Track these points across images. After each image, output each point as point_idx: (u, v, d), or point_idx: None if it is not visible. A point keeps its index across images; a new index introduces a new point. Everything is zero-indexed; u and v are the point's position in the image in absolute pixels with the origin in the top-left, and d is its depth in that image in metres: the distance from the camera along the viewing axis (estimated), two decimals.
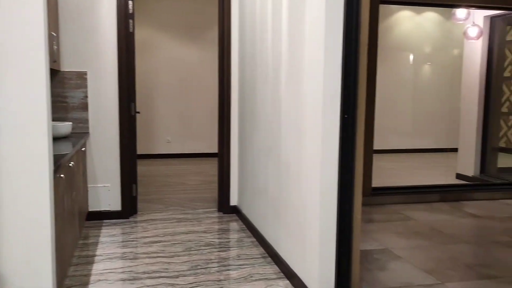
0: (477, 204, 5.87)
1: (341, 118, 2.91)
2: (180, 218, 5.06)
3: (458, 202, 5.91)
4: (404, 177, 7.30)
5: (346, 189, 3.03)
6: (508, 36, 7.47)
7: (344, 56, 2.85)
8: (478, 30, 6.35)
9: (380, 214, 5.35)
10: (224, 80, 5.12)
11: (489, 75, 6.79)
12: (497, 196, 6.14)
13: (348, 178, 3.03)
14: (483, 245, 4.29)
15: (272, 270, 3.62)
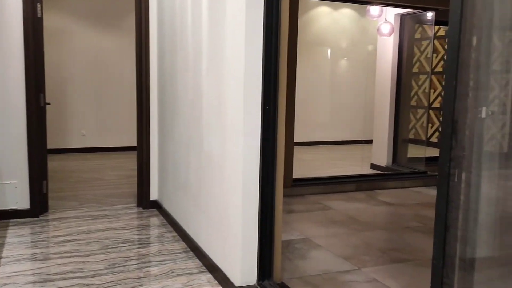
0: (390, 192, 6.20)
1: (262, 109, 2.90)
2: (96, 215, 4.81)
3: (373, 191, 6.21)
4: (323, 169, 7.53)
5: (267, 181, 3.04)
6: (416, 34, 7.96)
7: (265, 46, 2.84)
8: (390, 27, 6.68)
9: (300, 204, 5.47)
10: (143, 68, 4.93)
11: (400, 71, 7.19)
12: (407, 184, 6.53)
13: (269, 169, 3.03)
14: (395, 230, 4.54)
15: (194, 264, 3.55)
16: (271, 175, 3.04)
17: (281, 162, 3.08)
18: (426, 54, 10.00)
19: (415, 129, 8.45)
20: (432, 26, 7.14)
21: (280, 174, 3.08)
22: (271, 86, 2.91)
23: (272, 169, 3.05)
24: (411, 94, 7.53)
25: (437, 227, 1.49)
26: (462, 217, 1.40)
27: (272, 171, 3.05)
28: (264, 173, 2.98)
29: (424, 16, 7.06)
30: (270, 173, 3.02)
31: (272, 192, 3.07)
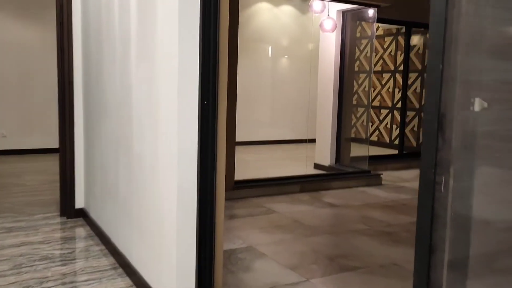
0: (334, 193, 6.02)
1: (200, 105, 2.53)
2: (11, 227, 4.21)
3: (317, 192, 6.00)
4: (266, 169, 7.25)
5: (207, 186, 2.67)
6: (357, 32, 7.90)
7: (202, 36, 2.48)
8: (332, 22, 6.52)
9: (243, 208, 5.13)
10: (65, 62, 4.38)
11: (343, 68, 7.05)
12: (351, 184, 6.39)
13: (209, 173, 2.67)
14: (342, 234, 4.32)
15: (124, 283, 3.11)
16: (210, 179, 2.67)
17: (222, 164, 2.73)
18: (366, 53, 10.05)
19: (355, 127, 8.40)
20: (373, 24, 7.07)
21: (221, 178, 2.73)
22: (210, 80, 2.55)
23: (212, 173, 2.69)
24: (353, 93, 7.44)
25: (419, 249, 1.20)
26: (452, 236, 1.13)
27: (212, 175, 2.68)
28: (202, 177, 2.61)
29: (366, 13, 6.96)
30: (209, 177, 2.66)
31: (212, 199, 2.70)
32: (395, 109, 9.85)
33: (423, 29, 8.93)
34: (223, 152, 2.73)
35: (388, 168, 7.85)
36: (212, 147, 2.64)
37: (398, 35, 9.77)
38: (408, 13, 7.70)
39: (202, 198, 2.64)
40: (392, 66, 9.97)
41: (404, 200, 5.67)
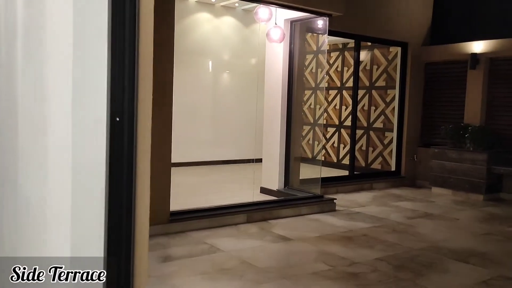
0: (285, 222, 5.31)
1: (109, 122, 1.72)
2: None
3: (266, 222, 5.26)
4: (208, 195, 6.43)
5: (119, 236, 1.86)
6: (306, 45, 7.36)
7: (112, 40, 1.69)
8: (280, 32, 5.90)
9: (180, 246, 4.28)
10: None
11: (291, 83, 6.44)
12: (303, 211, 5.71)
13: (125, 215, 1.86)
14: (301, 278, 3.59)
15: None
16: (126, 225, 1.86)
17: (144, 199, 1.93)
18: (312, 68, 9.58)
19: (301, 147, 7.82)
20: (324, 36, 6.53)
21: (144, 219, 1.92)
22: (125, 91, 1.76)
23: (129, 215, 1.88)
24: (302, 109, 6.85)
25: None
26: None
27: (128, 218, 1.88)
28: (112, 224, 1.79)
29: (315, 24, 6.42)
30: (124, 222, 1.85)
31: (127, 256, 1.89)
32: (343, 127, 9.42)
33: (370, 44, 8.59)
34: (146, 181, 1.95)
35: (339, 190, 7.28)
36: (129, 176, 1.85)
37: (344, 50, 9.40)
38: (358, 26, 7.27)
39: (113, 256, 1.81)
40: (338, 83, 9.56)
41: (363, 230, 5.05)
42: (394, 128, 8.32)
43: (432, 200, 6.85)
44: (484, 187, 6.92)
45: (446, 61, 7.97)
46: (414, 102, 8.18)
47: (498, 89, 7.32)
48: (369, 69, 8.90)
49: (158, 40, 4.39)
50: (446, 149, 7.42)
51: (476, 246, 4.57)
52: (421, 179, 8.18)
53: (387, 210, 6.09)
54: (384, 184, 7.86)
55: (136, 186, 1.90)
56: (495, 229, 5.27)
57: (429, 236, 4.88)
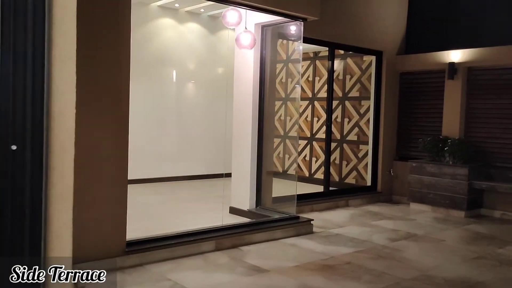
0: (259, 249, 4.74)
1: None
2: None
3: (237, 249, 4.68)
4: (170, 218, 5.79)
5: None
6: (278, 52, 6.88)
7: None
8: (251, 37, 5.38)
9: (138, 285, 3.65)
10: None
11: (262, 92, 5.92)
12: (278, 235, 5.17)
13: None
14: None
15: None
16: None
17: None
18: (281, 78, 9.12)
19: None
20: (298, 42, 6.05)
21: None
22: (25, 112, 1.17)
23: None
24: (274, 119, 6.34)
25: None
26: None
27: None
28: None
29: (288, 30, 5.94)
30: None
31: None
32: (315, 140, 8.97)
33: (343, 52, 8.20)
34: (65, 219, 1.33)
35: (315, 208, 6.79)
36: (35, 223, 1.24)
37: (316, 59, 8.99)
38: (332, 33, 6.85)
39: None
40: (310, 93, 9.13)
41: (346, 256, 4.54)
42: (369, 140, 7.92)
43: (413, 218, 6.44)
44: (465, 203, 6.57)
45: (422, 71, 7.65)
46: (389, 113, 7.82)
47: (477, 100, 7.04)
48: (342, 79, 8.51)
49: (111, 44, 3.75)
50: (424, 163, 7.05)
51: (471, 274, 4.13)
52: (398, 194, 7.79)
53: (368, 231, 5.62)
54: (360, 201, 7.42)
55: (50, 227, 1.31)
56: (485, 251, 4.87)
57: (418, 263, 4.42)
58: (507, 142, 6.67)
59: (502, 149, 6.72)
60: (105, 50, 3.95)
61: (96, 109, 3.90)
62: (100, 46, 3.91)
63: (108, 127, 3.98)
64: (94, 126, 3.88)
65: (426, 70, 7.58)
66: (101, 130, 3.93)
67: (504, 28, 7.01)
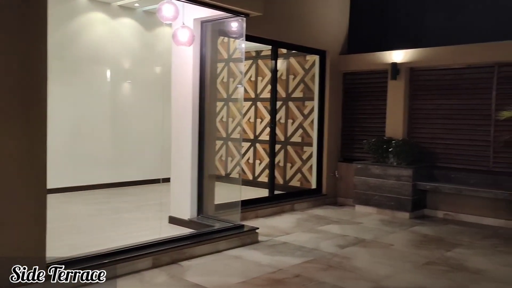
0: (201, 264, 4.33)
1: None
2: None
3: (177, 265, 4.25)
4: (101, 231, 5.24)
5: None
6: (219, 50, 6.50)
7: None
8: (189, 33, 4.96)
9: None
10: None
11: (203, 92, 5.51)
12: (221, 247, 4.78)
13: None
14: None
15: None
16: None
17: None
18: (222, 78, 8.74)
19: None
20: (240, 40, 5.69)
21: None
22: None
23: None
24: (216, 121, 5.95)
25: None
26: None
27: None
28: None
29: (230, 27, 5.57)
30: None
31: None
32: (258, 142, 8.67)
33: (286, 51, 7.96)
34: None
35: (259, 214, 6.48)
36: None
37: (258, 58, 8.68)
38: (276, 31, 6.56)
39: None
40: (252, 94, 8.81)
41: (295, 268, 4.24)
42: (314, 142, 7.73)
43: (359, 221, 6.29)
44: (410, 205, 6.52)
45: (365, 71, 7.56)
46: (334, 114, 7.67)
47: (419, 100, 7.03)
48: (285, 79, 8.27)
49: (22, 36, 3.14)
50: (369, 164, 6.95)
51: (424, 283, 3.96)
52: (343, 196, 7.66)
53: (315, 237, 5.37)
54: (306, 204, 7.20)
55: None
56: (434, 255, 4.75)
57: (369, 272, 4.20)
58: (449, 142, 6.70)
59: (445, 150, 6.74)
60: (13, 42, 3.37)
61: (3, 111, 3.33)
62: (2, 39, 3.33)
63: (18, 132, 3.41)
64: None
65: (369, 70, 7.49)
66: (6, 136, 3.36)
67: (443, 29, 7.05)
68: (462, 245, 5.16)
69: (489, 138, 6.34)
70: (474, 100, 6.50)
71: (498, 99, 6.27)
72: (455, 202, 6.51)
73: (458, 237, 5.52)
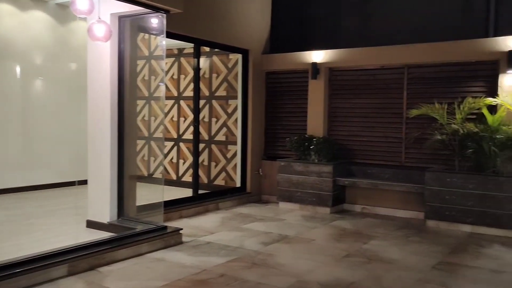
0: (122, 268, 4.17)
1: None
2: None
3: (96, 271, 4.06)
4: (11, 239, 4.87)
5: None
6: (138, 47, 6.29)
7: None
8: (106, 28, 4.74)
9: None
10: None
11: (122, 90, 5.31)
12: (144, 250, 4.64)
13: None
14: None
15: None
16: None
17: None
18: (144, 76, 8.49)
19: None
20: (161, 37, 5.54)
21: None
22: None
23: None
24: (136, 120, 5.76)
25: None
26: None
27: None
28: None
29: (149, 23, 5.42)
30: None
31: None
32: (182, 141, 8.54)
33: (209, 50, 7.90)
34: None
35: (183, 215, 6.38)
36: None
37: (180, 56, 8.54)
38: (198, 29, 6.49)
39: None
40: (175, 92, 8.66)
41: (219, 268, 4.22)
42: (238, 141, 7.76)
43: (283, 218, 6.41)
44: (330, 200, 6.75)
45: (287, 71, 7.71)
46: (257, 113, 7.75)
47: (338, 99, 7.30)
48: (209, 77, 8.22)
49: None
50: (292, 162, 7.10)
51: (344, 275, 4.11)
52: (267, 194, 7.77)
53: (240, 235, 5.39)
54: (231, 203, 7.21)
55: None
56: (353, 248, 4.96)
57: (292, 267, 4.28)
58: (365, 139, 7.02)
59: (361, 146, 7.06)
60: None
61: None
62: None
63: None
64: None
65: (290, 69, 7.65)
66: None
67: (359, 31, 7.38)
68: (378, 237, 5.43)
69: (401, 135, 6.73)
70: (387, 99, 6.87)
71: (408, 98, 6.67)
72: (371, 196, 6.84)
73: (374, 229, 5.81)
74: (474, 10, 6.47)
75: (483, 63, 6.18)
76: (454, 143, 5.97)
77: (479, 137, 5.75)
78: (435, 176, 5.94)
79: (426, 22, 6.78)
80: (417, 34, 6.74)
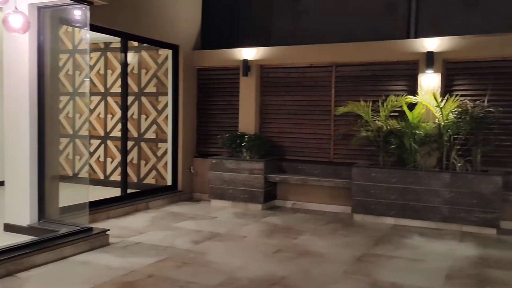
0: (43, 273, 3.94)
1: None
2: None
3: (14, 277, 3.80)
4: None
5: None
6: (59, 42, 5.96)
7: None
8: (23, 19, 4.43)
9: None
10: None
11: (42, 85, 5.00)
12: (67, 253, 4.41)
13: None
14: None
15: None
16: None
17: None
18: (67, 70, 8.08)
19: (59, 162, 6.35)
20: (84, 30, 5.28)
21: None
22: None
23: None
24: (58, 117, 5.46)
25: None
26: None
27: None
28: None
29: (72, 15, 5.15)
30: None
31: None
32: (109, 139, 8.23)
33: (137, 44, 7.67)
34: None
35: (111, 215, 6.15)
36: None
37: (107, 50, 8.22)
38: (125, 23, 6.26)
39: None
40: (102, 88, 8.32)
41: (148, 268, 4.11)
42: (168, 138, 7.61)
43: (214, 216, 6.37)
44: (262, 196, 6.81)
45: (218, 67, 7.67)
46: (188, 110, 7.64)
47: (269, 96, 7.37)
48: (137, 73, 7.98)
49: None
50: (223, 159, 7.07)
51: (274, 270, 4.15)
52: (199, 192, 7.69)
53: (170, 235, 5.29)
54: (161, 202, 7.05)
55: None
56: (283, 243, 5.03)
57: (223, 265, 4.26)
58: (295, 136, 7.15)
59: (292, 143, 7.18)
60: None
61: None
62: None
63: None
64: None
65: (222, 66, 7.62)
66: None
67: (289, 30, 7.48)
68: (308, 231, 5.56)
69: (330, 132, 6.93)
70: (316, 97, 7.03)
71: (336, 96, 6.87)
72: (301, 192, 6.98)
73: (304, 224, 5.93)
74: (398, 12, 6.78)
75: (405, 63, 6.51)
76: (378, 139, 6.24)
77: (401, 133, 6.05)
78: (361, 171, 6.17)
79: (354, 22, 7.01)
80: (345, 33, 6.96)
